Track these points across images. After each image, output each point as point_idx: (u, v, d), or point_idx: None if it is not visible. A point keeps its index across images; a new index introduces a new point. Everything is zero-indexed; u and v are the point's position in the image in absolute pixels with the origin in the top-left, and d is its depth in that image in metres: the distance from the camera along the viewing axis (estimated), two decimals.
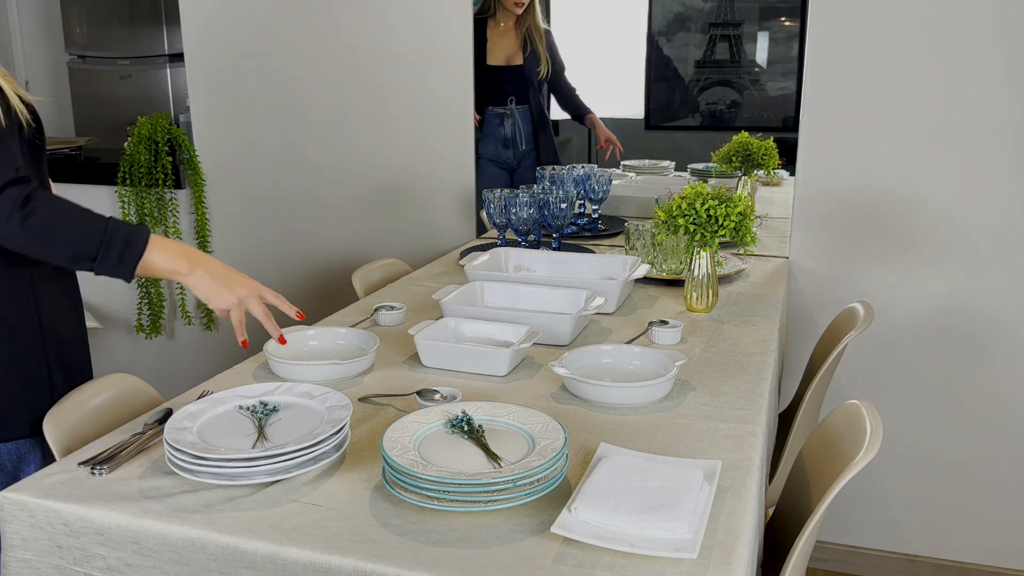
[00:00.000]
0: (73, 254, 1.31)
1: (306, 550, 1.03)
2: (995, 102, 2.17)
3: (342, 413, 1.24)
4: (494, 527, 1.06)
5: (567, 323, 1.69)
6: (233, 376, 1.57)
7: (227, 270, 1.44)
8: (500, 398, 1.45)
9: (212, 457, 1.13)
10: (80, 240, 1.30)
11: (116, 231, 1.32)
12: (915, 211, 2.29)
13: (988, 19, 2.13)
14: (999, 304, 2.29)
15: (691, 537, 1.01)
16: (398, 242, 2.79)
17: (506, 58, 2.68)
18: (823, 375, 1.86)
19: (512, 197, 2.25)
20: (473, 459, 1.15)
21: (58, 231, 1.30)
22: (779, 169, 2.46)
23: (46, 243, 1.30)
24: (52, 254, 1.32)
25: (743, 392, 1.49)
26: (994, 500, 2.40)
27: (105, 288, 3.10)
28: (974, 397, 2.36)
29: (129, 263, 1.33)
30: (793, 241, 2.41)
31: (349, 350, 1.65)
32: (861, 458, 1.23)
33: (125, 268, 1.33)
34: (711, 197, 1.82)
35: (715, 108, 2.51)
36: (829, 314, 2.38)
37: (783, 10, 2.38)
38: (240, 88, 2.85)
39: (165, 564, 1.09)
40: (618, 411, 1.40)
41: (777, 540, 1.54)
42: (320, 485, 1.17)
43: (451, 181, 2.71)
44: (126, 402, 1.51)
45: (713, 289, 1.90)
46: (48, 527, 1.15)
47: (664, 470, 1.14)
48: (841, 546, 2.55)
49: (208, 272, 1.41)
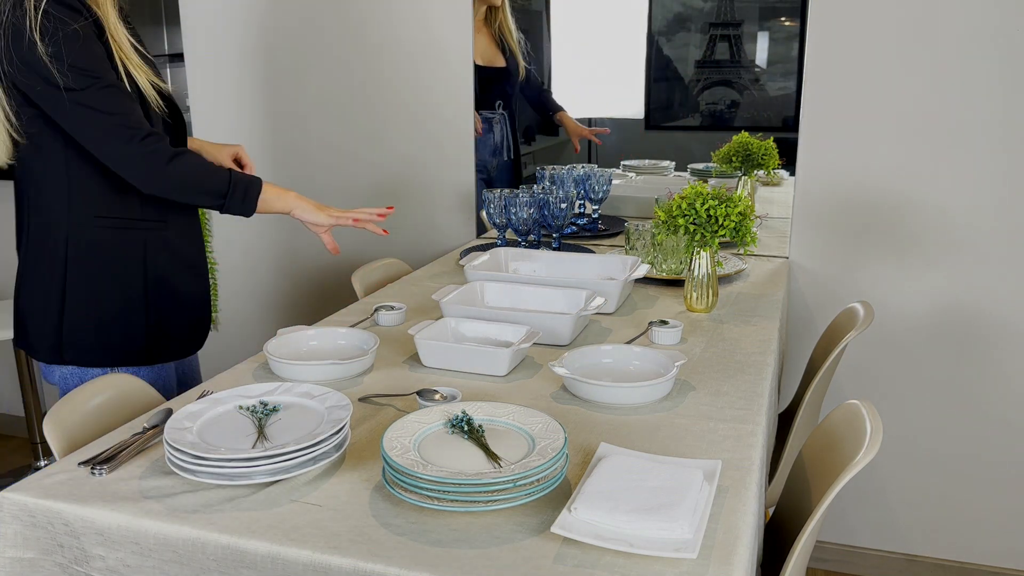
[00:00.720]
0: (208, 193, 1.64)
1: (306, 550, 1.03)
2: (995, 102, 2.17)
3: (342, 413, 1.24)
4: (494, 527, 1.06)
5: (567, 323, 1.69)
6: (233, 376, 1.57)
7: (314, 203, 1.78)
8: (500, 398, 1.45)
9: (212, 457, 1.13)
10: (213, 184, 1.64)
11: (240, 178, 1.67)
12: (915, 211, 2.29)
13: (987, 19, 2.13)
14: (999, 304, 2.29)
15: (691, 537, 1.01)
16: (398, 242, 2.79)
17: (485, 59, 2.67)
18: (823, 375, 1.86)
19: (512, 197, 2.25)
20: (473, 459, 1.15)
21: (196, 176, 1.62)
22: (779, 169, 2.46)
23: (186, 186, 1.62)
24: (191, 196, 1.65)
25: (743, 392, 1.49)
26: (994, 500, 2.40)
27: None
28: (974, 397, 2.36)
29: (251, 200, 1.67)
30: (793, 241, 2.41)
31: (349, 350, 1.65)
32: (861, 458, 1.23)
33: (249, 205, 1.67)
34: (711, 197, 1.82)
35: (715, 108, 2.51)
36: (829, 314, 2.38)
37: (783, 10, 2.38)
38: (240, 88, 2.85)
39: (165, 564, 1.09)
40: (618, 411, 1.40)
41: (777, 540, 1.54)
42: (320, 485, 1.17)
43: (451, 181, 2.71)
44: (126, 402, 1.52)
45: (713, 289, 1.90)
46: (48, 527, 1.15)
47: (664, 470, 1.14)
48: (841, 546, 2.55)
49: (303, 204, 1.76)
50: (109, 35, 1.57)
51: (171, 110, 1.73)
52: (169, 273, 1.74)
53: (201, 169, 1.64)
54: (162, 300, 1.73)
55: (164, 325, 1.75)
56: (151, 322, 1.72)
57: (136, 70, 1.60)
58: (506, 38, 2.67)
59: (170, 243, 1.73)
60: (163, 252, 1.72)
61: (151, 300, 1.71)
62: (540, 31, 2.69)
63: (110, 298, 1.68)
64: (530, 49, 2.69)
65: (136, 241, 1.68)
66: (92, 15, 1.55)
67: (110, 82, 1.55)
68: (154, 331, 1.73)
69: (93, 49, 1.53)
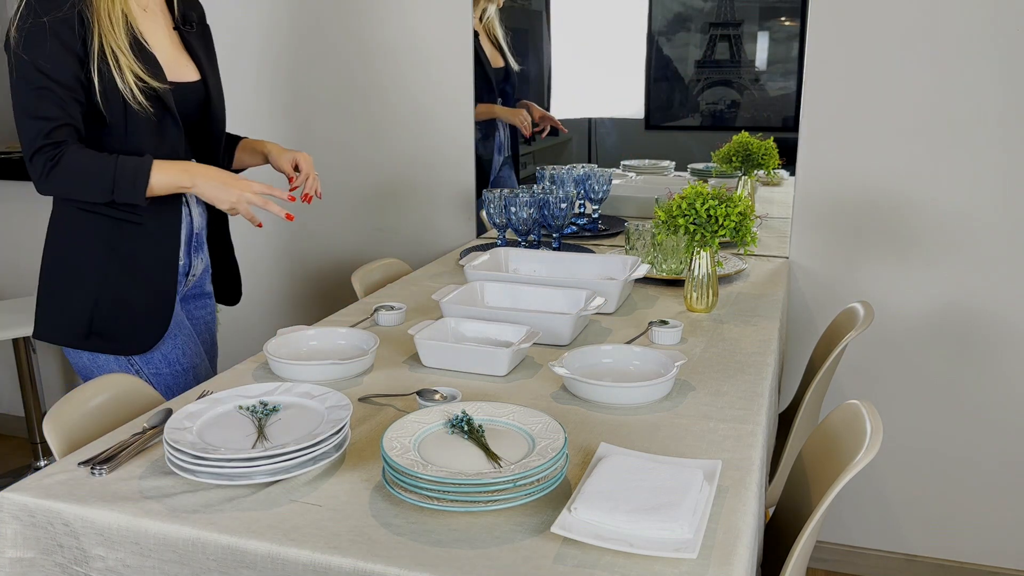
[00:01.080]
0: (95, 191, 1.61)
1: (306, 550, 1.03)
2: (995, 102, 2.17)
3: (342, 413, 1.24)
4: (494, 527, 1.06)
5: (567, 323, 1.69)
6: (233, 376, 1.57)
7: (223, 176, 1.69)
8: (500, 398, 1.45)
9: (212, 457, 1.13)
10: (96, 179, 1.60)
11: (124, 165, 1.61)
12: (915, 211, 2.29)
13: (987, 19, 2.13)
14: (999, 304, 2.29)
15: (691, 537, 1.01)
16: (398, 242, 2.79)
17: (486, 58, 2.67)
18: (823, 375, 1.86)
19: (512, 197, 2.25)
20: (473, 459, 1.15)
21: (79, 178, 1.60)
22: (779, 169, 2.46)
23: (72, 188, 1.63)
24: (80, 194, 1.64)
25: (743, 392, 1.49)
26: (994, 500, 2.40)
27: None
28: (974, 396, 2.36)
29: (140, 187, 1.61)
30: (793, 241, 2.41)
31: (349, 350, 1.65)
32: (861, 458, 1.23)
33: (138, 192, 1.62)
34: (711, 197, 1.82)
35: (715, 108, 2.51)
36: (829, 314, 2.38)
37: (783, 10, 2.38)
38: (239, 88, 2.84)
39: (165, 564, 1.09)
40: (618, 411, 1.40)
41: (777, 540, 1.54)
42: (320, 485, 1.17)
43: (451, 181, 2.71)
44: (126, 402, 1.52)
45: (713, 289, 1.90)
46: (48, 527, 1.15)
47: (664, 470, 1.14)
48: (841, 546, 2.55)
49: (208, 180, 1.68)
50: (97, 27, 1.60)
51: (202, 112, 1.80)
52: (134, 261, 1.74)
53: (84, 170, 1.61)
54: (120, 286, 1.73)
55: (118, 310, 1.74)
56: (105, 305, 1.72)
57: (125, 68, 1.62)
58: (496, 34, 2.67)
59: (145, 232, 1.73)
60: (136, 240, 1.72)
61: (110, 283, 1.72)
62: (540, 31, 2.69)
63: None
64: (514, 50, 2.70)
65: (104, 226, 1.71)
66: (78, 6, 1.58)
67: (41, 85, 1.57)
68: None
69: (46, 46, 1.56)
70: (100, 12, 1.60)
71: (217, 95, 1.86)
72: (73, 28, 1.58)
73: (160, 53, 1.71)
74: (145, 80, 1.64)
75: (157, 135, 1.70)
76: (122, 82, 1.62)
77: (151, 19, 1.75)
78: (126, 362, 1.74)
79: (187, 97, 1.77)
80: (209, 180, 1.67)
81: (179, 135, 1.74)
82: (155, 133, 1.69)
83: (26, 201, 3.07)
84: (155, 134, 1.69)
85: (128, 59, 1.62)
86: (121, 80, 1.62)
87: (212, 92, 1.83)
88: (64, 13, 1.57)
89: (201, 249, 1.89)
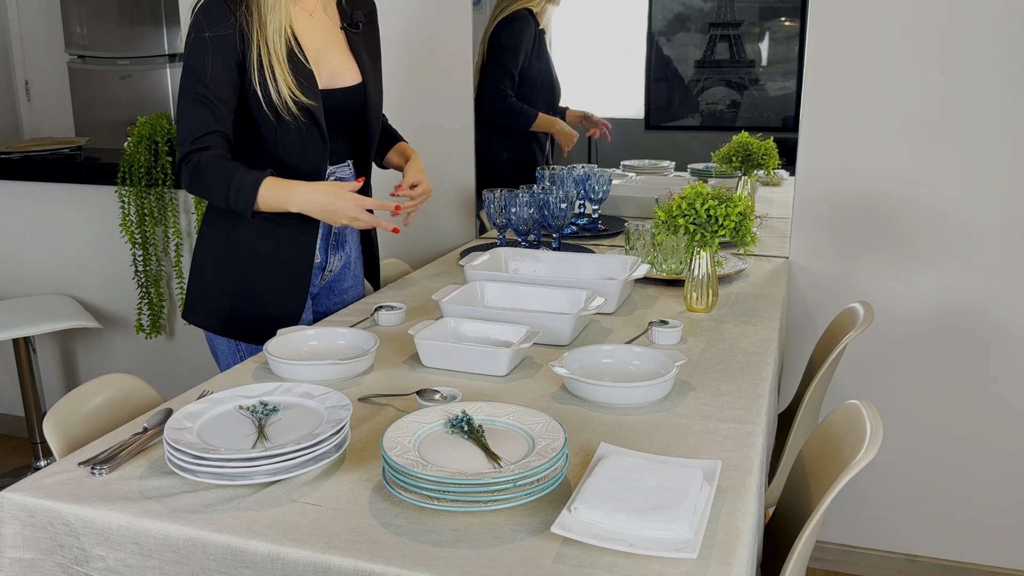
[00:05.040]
0: (218, 198, 1.72)
1: (306, 550, 1.03)
2: (994, 102, 2.17)
3: (342, 413, 1.24)
4: (494, 527, 1.06)
5: (567, 323, 1.69)
6: (233, 376, 1.57)
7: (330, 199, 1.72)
8: (500, 398, 1.45)
9: (212, 457, 1.13)
10: (218, 188, 1.70)
11: (241, 180, 1.68)
12: (915, 211, 2.29)
13: (987, 19, 2.13)
14: (999, 304, 2.29)
15: (691, 537, 1.01)
16: (398, 242, 2.79)
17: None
18: (823, 375, 1.86)
19: (512, 197, 2.25)
20: (473, 459, 1.15)
21: (205, 183, 1.71)
22: (779, 169, 2.46)
23: (203, 192, 1.73)
24: (210, 198, 1.75)
25: (743, 392, 1.49)
26: (994, 500, 2.40)
27: (105, 288, 3.10)
28: (974, 397, 2.36)
29: (247, 203, 1.69)
30: (793, 241, 2.41)
31: (349, 350, 1.65)
32: (861, 458, 1.23)
33: (247, 207, 1.70)
34: (711, 197, 1.82)
35: (715, 108, 2.51)
36: (829, 314, 2.38)
37: (783, 10, 2.38)
38: None
39: (165, 564, 1.09)
40: (618, 411, 1.40)
41: (777, 540, 1.54)
42: (320, 485, 1.17)
43: (451, 181, 2.71)
44: (126, 402, 1.52)
45: (713, 289, 1.90)
46: (48, 527, 1.15)
47: (664, 470, 1.14)
48: (841, 546, 2.55)
49: (313, 205, 1.72)
50: (256, 42, 1.68)
51: (358, 116, 1.89)
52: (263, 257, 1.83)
53: (210, 177, 1.70)
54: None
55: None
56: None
57: (281, 82, 1.71)
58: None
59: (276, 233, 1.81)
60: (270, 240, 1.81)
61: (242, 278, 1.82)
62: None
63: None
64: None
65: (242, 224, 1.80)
66: (239, 21, 1.68)
67: (197, 93, 1.69)
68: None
69: (205, 58, 1.68)
70: (262, 27, 1.68)
71: (375, 98, 1.93)
72: (234, 45, 1.68)
73: (322, 60, 1.79)
74: (297, 96, 1.73)
75: (303, 145, 1.78)
76: (277, 95, 1.71)
77: (316, 23, 1.81)
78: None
79: (345, 102, 1.85)
80: (314, 205, 1.72)
81: (323, 148, 1.81)
82: (302, 143, 1.78)
83: (26, 201, 3.07)
84: (301, 144, 1.78)
85: (284, 72, 1.71)
86: (276, 93, 1.71)
87: (370, 96, 1.90)
88: (226, 28, 1.67)
89: (341, 247, 1.96)
